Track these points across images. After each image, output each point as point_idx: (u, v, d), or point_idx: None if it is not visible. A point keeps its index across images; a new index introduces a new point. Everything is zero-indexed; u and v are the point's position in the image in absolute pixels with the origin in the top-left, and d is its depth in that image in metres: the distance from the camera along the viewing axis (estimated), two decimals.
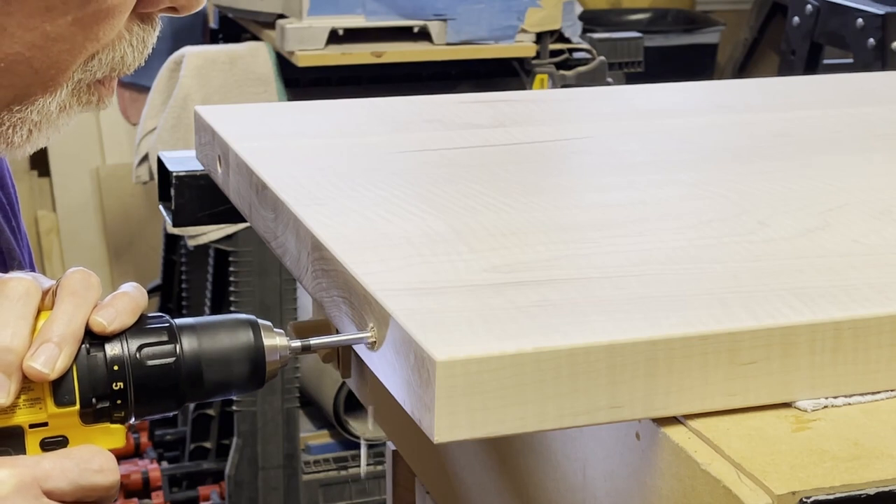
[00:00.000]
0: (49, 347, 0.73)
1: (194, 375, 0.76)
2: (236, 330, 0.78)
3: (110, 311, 0.76)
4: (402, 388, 0.68)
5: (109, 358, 0.75)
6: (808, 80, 1.51)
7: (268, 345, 0.78)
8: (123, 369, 0.75)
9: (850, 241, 0.82)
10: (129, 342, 0.76)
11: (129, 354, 0.75)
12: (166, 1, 0.86)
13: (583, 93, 1.60)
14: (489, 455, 0.87)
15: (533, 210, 0.87)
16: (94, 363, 0.75)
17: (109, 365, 0.75)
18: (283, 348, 0.78)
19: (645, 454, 0.69)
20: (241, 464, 2.63)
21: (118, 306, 0.76)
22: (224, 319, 0.79)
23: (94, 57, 0.85)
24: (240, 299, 2.57)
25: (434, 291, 0.72)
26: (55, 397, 0.74)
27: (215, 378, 0.77)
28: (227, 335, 0.78)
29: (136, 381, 0.75)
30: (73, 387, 0.74)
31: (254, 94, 2.52)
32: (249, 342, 0.77)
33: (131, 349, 0.75)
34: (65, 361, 0.73)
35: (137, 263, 3.79)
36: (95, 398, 0.75)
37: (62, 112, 0.87)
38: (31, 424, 0.74)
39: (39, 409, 0.74)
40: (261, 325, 0.78)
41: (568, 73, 2.66)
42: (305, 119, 1.11)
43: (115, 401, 0.75)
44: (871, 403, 0.70)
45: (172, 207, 1.11)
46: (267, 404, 2.62)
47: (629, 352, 0.67)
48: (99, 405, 0.75)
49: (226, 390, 0.78)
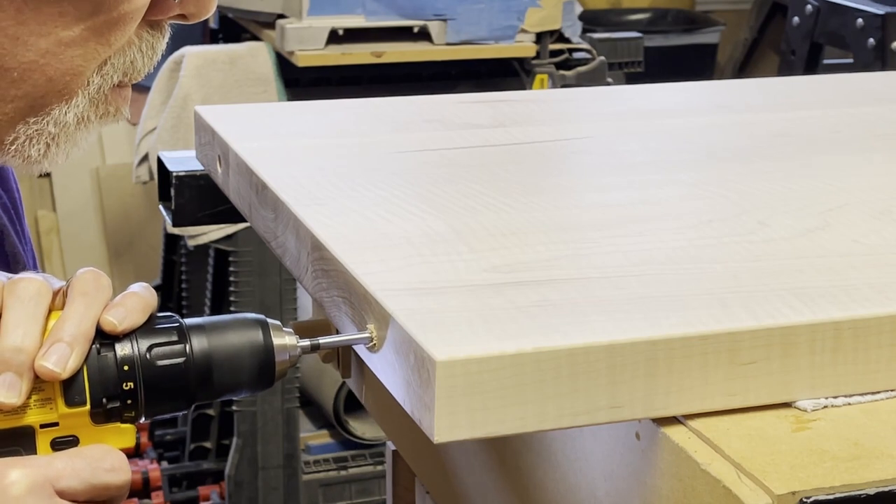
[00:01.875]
0: (61, 347, 0.73)
1: (204, 375, 0.76)
2: (246, 329, 0.78)
3: (120, 311, 0.76)
4: (402, 388, 0.68)
5: (120, 358, 0.75)
6: (808, 80, 1.51)
7: (277, 344, 0.78)
8: (134, 369, 0.75)
9: (850, 241, 0.82)
10: (139, 342, 0.76)
11: (139, 354, 0.75)
12: (176, 9, 0.86)
13: (583, 93, 1.60)
14: (489, 455, 0.87)
15: (533, 210, 0.87)
16: (105, 363, 0.75)
17: (120, 365, 0.75)
18: (292, 347, 0.78)
19: (645, 454, 0.69)
20: (241, 464, 2.63)
21: (128, 305, 0.76)
22: (234, 319, 0.78)
23: (106, 62, 0.85)
24: (240, 299, 2.57)
25: (434, 291, 0.72)
26: (66, 397, 0.74)
27: (225, 378, 0.77)
28: (237, 335, 0.77)
29: (147, 381, 0.75)
30: (84, 387, 0.74)
31: (254, 94, 2.52)
32: (259, 342, 0.77)
33: (141, 349, 0.75)
34: (76, 361, 0.73)
35: (137, 263, 3.79)
36: (106, 398, 0.75)
37: (80, 124, 0.87)
38: (41, 424, 0.74)
39: (50, 409, 0.74)
40: (270, 325, 0.78)
41: (568, 73, 2.66)
42: (305, 119, 1.11)
43: (125, 401, 0.75)
44: (871, 403, 0.70)
45: (172, 207, 1.11)
46: (267, 404, 2.62)
47: (629, 352, 0.67)
48: (109, 405, 0.75)
49: (236, 390, 0.78)
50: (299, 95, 2.58)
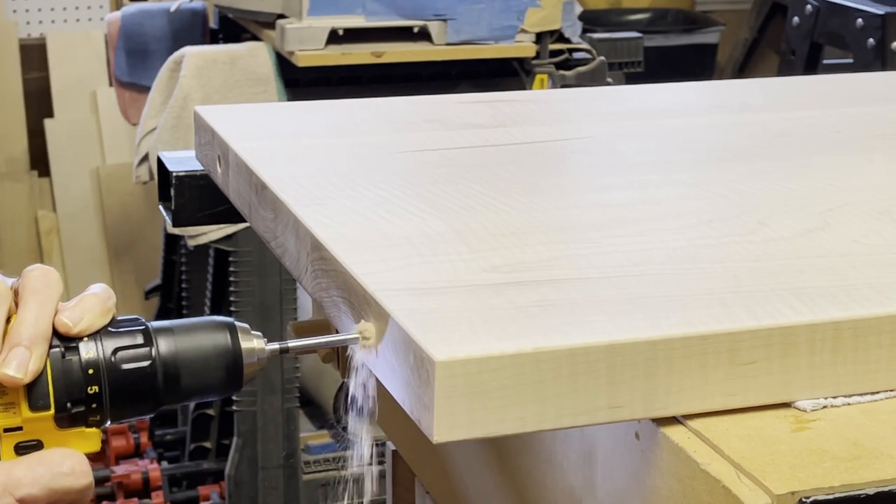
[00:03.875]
0: (20, 352, 0.72)
1: (171, 378, 0.75)
2: (213, 332, 0.77)
3: (76, 312, 0.75)
4: (401, 388, 0.68)
5: (84, 362, 0.74)
6: (808, 80, 1.51)
7: (245, 347, 0.77)
8: (98, 373, 0.74)
9: (850, 241, 0.82)
10: (104, 345, 0.74)
11: (104, 358, 0.74)
12: None
13: (583, 93, 1.60)
14: (489, 455, 0.87)
15: (533, 210, 0.87)
16: (69, 367, 0.74)
17: (84, 369, 0.74)
18: (260, 351, 0.77)
19: (645, 454, 0.69)
20: (241, 464, 2.63)
21: (84, 306, 0.75)
22: (201, 322, 0.77)
23: None
24: (240, 299, 2.57)
25: (434, 291, 0.72)
26: (30, 402, 0.73)
27: (192, 381, 0.76)
28: (204, 338, 0.77)
29: (112, 385, 0.74)
30: (48, 391, 0.73)
31: (254, 94, 2.52)
32: (227, 345, 0.77)
33: (106, 352, 0.74)
34: (37, 363, 0.72)
35: (137, 263, 3.79)
36: (70, 402, 0.74)
37: None
38: (5, 429, 0.73)
39: (14, 414, 0.73)
40: (238, 328, 0.77)
41: (568, 73, 2.66)
42: (305, 119, 1.11)
43: (90, 405, 0.74)
44: (871, 403, 0.70)
45: (172, 207, 1.10)
46: (267, 404, 2.62)
47: (629, 352, 0.67)
48: (74, 409, 0.74)
49: (203, 393, 0.77)
50: (299, 95, 2.58)
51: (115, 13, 2.87)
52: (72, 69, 3.84)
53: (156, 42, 2.76)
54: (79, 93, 3.84)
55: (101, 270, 3.80)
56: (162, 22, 2.76)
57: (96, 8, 3.92)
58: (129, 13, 2.81)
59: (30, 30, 3.88)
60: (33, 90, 3.83)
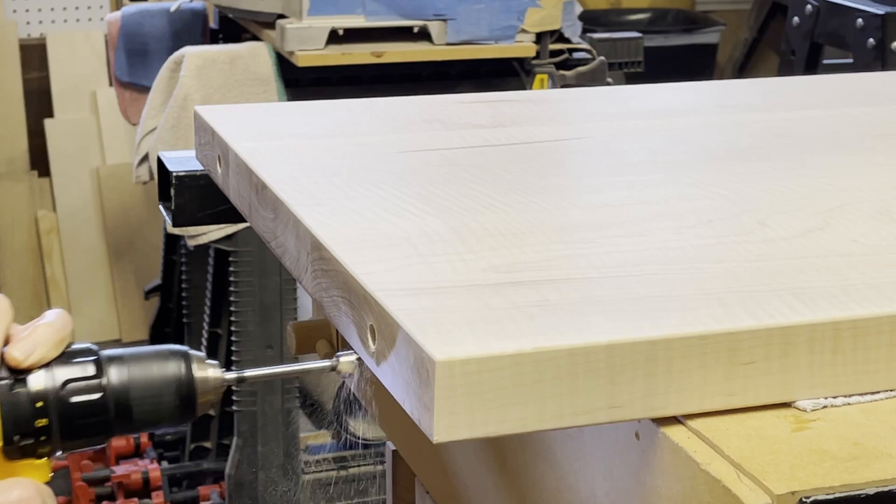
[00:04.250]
0: None
1: (122, 409, 0.74)
2: (166, 362, 0.76)
3: (27, 344, 0.73)
4: (401, 388, 0.68)
5: (33, 394, 0.73)
6: (808, 80, 1.51)
7: (198, 377, 0.76)
8: (47, 406, 0.73)
9: (849, 241, 0.82)
10: (54, 377, 0.73)
11: (53, 390, 0.73)
12: None
13: (583, 93, 1.60)
14: (489, 455, 0.87)
15: (533, 210, 0.87)
16: (17, 400, 0.72)
17: (33, 402, 0.73)
18: (215, 380, 0.76)
19: (644, 454, 0.69)
20: (241, 464, 2.63)
21: (36, 338, 0.74)
22: (154, 351, 0.76)
23: None
24: (240, 299, 2.57)
25: (433, 291, 0.72)
26: None
27: (144, 411, 0.75)
28: (157, 367, 0.75)
29: (61, 418, 0.73)
30: None
31: (254, 94, 2.52)
32: (180, 374, 0.76)
33: (56, 384, 0.73)
34: None
35: (137, 263, 3.79)
36: (18, 436, 0.73)
37: None
38: None
39: None
40: (192, 357, 0.76)
41: (568, 73, 2.66)
42: (305, 119, 1.11)
43: (38, 437, 0.73)
44: (871, 403, 0.70)
45: (172, 207, 1.10)
46: (267, 404, 2.62)
47: (629, 352, 0.67)
48: (23, 442, 0.73)
49: (156, 423, 0.76)
50: (299, 95, 2.58)
51: (115, 13, 2.88)
52: (72, 69, 3.85)
53: (156, 42, 2.76)
54: (79, 93, 3.84)
55: (101, 270, 3.81)
56: (162, 22, 2.76)
57: (96, 8, 3.92)
58: (129, 13, 2.81)
59: (30, 30, 3.88)
60: (33, 90, 3.83)
